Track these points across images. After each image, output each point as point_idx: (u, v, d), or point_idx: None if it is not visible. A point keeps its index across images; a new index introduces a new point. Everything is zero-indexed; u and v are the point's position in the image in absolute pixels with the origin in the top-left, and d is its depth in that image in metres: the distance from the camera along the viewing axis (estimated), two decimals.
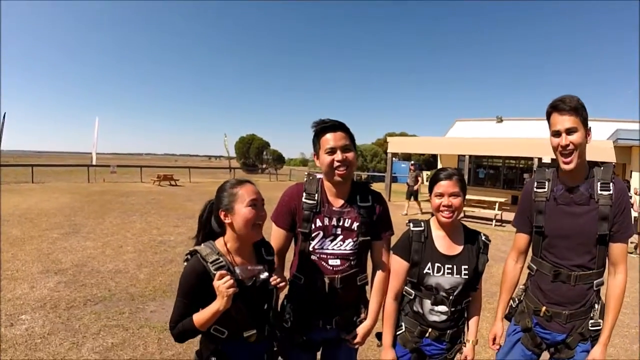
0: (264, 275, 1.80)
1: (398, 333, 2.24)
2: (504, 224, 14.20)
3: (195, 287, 1.71)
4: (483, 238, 2.23)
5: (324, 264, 2.10)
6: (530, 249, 2.32)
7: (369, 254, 2.25)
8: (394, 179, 27.33)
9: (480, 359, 4.04)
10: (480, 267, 2.17)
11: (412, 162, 20.69)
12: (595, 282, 2.10)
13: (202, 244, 1.82)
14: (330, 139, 2.03)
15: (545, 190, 2.19)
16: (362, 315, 2.23)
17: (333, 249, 2.11)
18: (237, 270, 1.75)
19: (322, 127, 2.07)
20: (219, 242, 1.83)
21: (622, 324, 4.92)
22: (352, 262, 2.13)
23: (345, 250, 2.11)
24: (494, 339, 2.42)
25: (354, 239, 2.11)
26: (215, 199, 1.85)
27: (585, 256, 2.08)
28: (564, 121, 2.00)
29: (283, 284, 1.89)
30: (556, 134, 2.05)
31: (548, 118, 2.11)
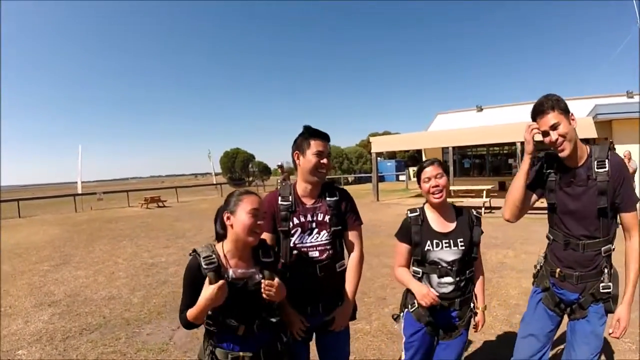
0: (257, 277, 1.98)
1: (412, 310, 2.48)
2: (493, 211, 14.37)
3: (190, 280, 1.92)
4: (474, 212, 2.53)
5: (305, 256, 2.37)
6: (547, 222, 2.56)
7: (344, 243, 2.52)
8: (381, 179, 27.52)
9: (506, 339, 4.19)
10: (475, 238, 2.44)
11: None
12: (602, 248, 2.32)
13: (205, 245, 2.01)
14: (321, 144, 2.37)
15: (553, 171, 2.43)
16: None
17: (311, 242, 2.38)
18: (230, 272, 1.94)
19: (317, 132, 2.40)
20: (220, 244, 2.03)
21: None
22: (329, 252, 2.40)
23: (322, 240, 2.39)
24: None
25: (328, 230, 2.39)
26: (224, 203, 2.05)
27: (590, 227, 2.31)
28: (548, 120, 2.23)
29: (273, 292, 1.94)
30: (545, 134, 2.27)
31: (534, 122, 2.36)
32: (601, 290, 2.32)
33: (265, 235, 2.31)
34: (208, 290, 1.82)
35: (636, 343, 3.98)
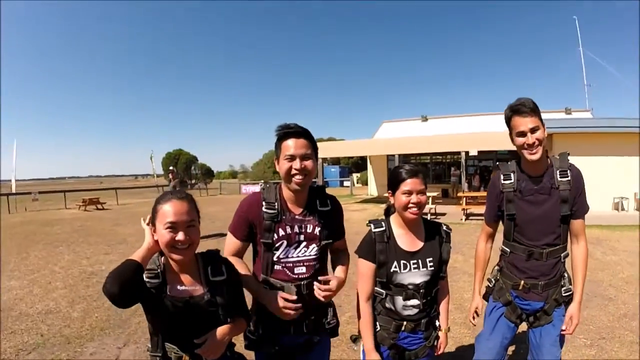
0: (205, 298, 1.74)
1: (374, 332, 2.27)
2: (438, 217, 14.82)
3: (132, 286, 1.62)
4: (444, 228, 2.32)
5: (289, 272, 2.11)
6: (502, 234, 2.60)
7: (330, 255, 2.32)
8: (325, 184, 27.67)
9: (464, 343, 4.30)
10: (445, 255, 2.27)
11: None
12: (562, 254, 2.44)
13: (155, 256, 1.76)
14: (291, 146, 2.03)
15: (512, 181, 2.44)
16: (330, 317, 2.29)
17: (298, 257, 2.12)
18: (167, 289, 1.70)
19: (285, 132, 2.06)
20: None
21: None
22: (316, 267, 2.16)
23: (310, 255, 2.14)
24: (476, 314, 2.71)
25: (318, 244, 2.15)
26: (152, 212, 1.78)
27: (552, 235, 2.39)
28: (527, 122, 2.26)
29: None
30: (521, 134, 2.29)
31: (508, 121, 2.37)
32: (563, 294, 2.44)
33: (236, 244, 2.13)
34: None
35: (590, 339, 4.36)
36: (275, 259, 2.10)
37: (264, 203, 2.10)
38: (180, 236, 1.67)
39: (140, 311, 1.73)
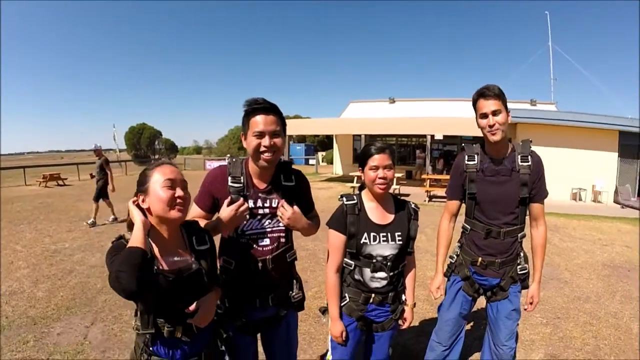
0: (193, 267, 1.76)
1: (343, 304, 2.39)
2: (402, 197, 14.93)
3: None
4: (412, 206, 2.45)
5: (254, 245, 2.14)
6: (464, 212, 2.73)
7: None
8: (291, 162, 27.67)
9: (427, 318, 4.51)
10: (412, 232, 2.39)
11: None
12: (519, 235, 2.60)
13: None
14: (260, 122, 2.00)
15: (476, 162, 2.59)
16: (296, 291, 2.33)
17: (262, 228, 2.15)
18: (159, 262, 1.70)
19: (254, 108, 2.03)
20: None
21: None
22: (281, 241, 2.20)
23: (274, 228, 2.17)
24: (438, 289, 2.82)
25: None
26: (137, 186, 1.76)
27: (510, 215, 2.54)
28: (490, 105, 2.40)
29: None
30: (483, 116, 2.44)
31: (474, 103, 2.51)
32: (519, 272, 2.63)
33: (198, 213, 2.12)
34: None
35: (546, 318, 4.66)
36: (239, 232, 2.12)
37: (230, 177, 2.11)
38: (179, 192, 1.70)
39: (107, 289, 1.73)
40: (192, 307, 1.73)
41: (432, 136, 18.04)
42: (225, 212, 2.02)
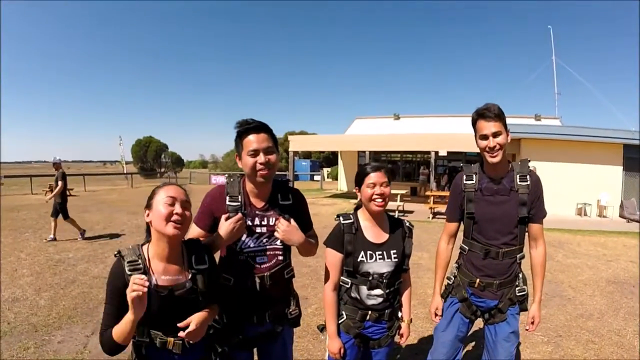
0: (186, 285, 1.79)
1: (340, 322, 2.40)
2: (406, 214, 15.12)
3: (116, 289, 1.70)
4: (407, 224, 2.48)
5: (253, 262, 2.17)
6: (462, 233, 2.69)
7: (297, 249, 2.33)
8: (296, 177, 27.70)
9: (426, 336, 4.44)
10: (407, 250, 2.41)
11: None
12: (517, 256, 2.55)
13: (130, 246, 1.80)
14: (253, 141, 2.07)
15: (474, 182, 2.56)
16: (292, 308, 2.35)
17: (259, 246, 2.18)
18: (153, 278, 1.74)
19: (246, 128, 2.10)
20: (146, 247, 1.82)
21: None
22: (278, 258, 2.23)
23: (272, 246, 2.20)
24: (436, 312, 2.78)
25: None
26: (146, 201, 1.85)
27: (509, 235, 2.50)
28: (491, 127, 2.36)
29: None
30: (484, 137, 2.40)
31: (474, 124, 2.47)
32: (517, 294, 2.56)
33: (197, 233, 2.15)
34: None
35: (547, 336, 4.58)
36: (237, 249, 2.16)
37: (227, 197, 2.16)
38: (177, 209, 1.76)
39: None
40: (183, 323, 1.75)
41: (436, 153, 18.08)
42: (224, 226, 2.06)
